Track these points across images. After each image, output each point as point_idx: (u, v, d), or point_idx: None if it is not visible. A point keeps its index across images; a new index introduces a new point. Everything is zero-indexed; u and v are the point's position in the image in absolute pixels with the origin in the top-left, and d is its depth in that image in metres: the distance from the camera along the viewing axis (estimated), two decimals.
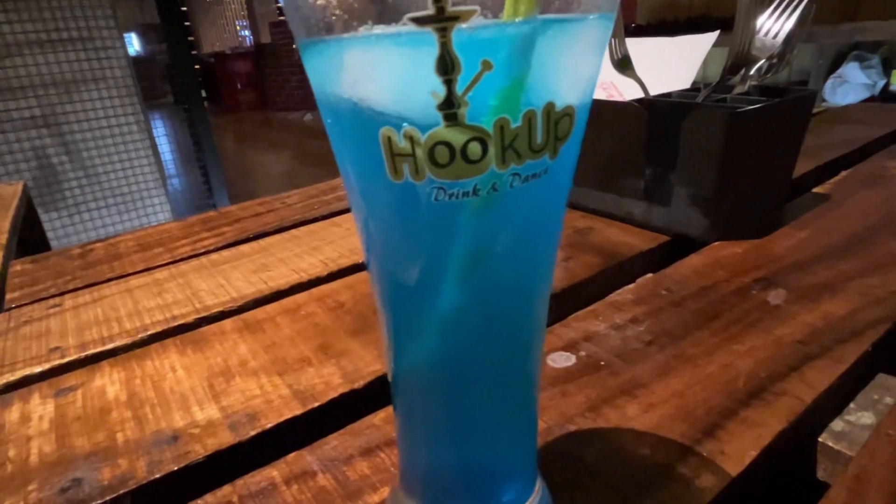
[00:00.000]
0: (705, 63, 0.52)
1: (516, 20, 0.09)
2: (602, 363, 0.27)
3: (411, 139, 0.10)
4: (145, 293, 0.40)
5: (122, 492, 0.21)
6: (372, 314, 0.34)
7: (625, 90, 0.48)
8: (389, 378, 0.16)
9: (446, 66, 0.09)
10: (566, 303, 0.35)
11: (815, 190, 0.50)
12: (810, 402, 0.24)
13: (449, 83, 0.09)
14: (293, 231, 0.51)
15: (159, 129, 4.30)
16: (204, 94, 1.93)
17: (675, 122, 0.39)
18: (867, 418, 0.24)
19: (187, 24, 2.00)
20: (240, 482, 0.22)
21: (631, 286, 0.36)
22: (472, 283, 0.13)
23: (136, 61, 1.80)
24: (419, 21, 0.09)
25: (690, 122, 0.38)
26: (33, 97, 1.48)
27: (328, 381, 0.28)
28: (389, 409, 0.25)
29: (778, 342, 0.28)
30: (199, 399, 0.27)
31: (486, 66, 0.09)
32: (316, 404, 0.26)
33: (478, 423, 0.16)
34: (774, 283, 0.34)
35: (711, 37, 0.51)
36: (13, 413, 0.28)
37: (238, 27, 8.14)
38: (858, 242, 0.39)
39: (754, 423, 0.23)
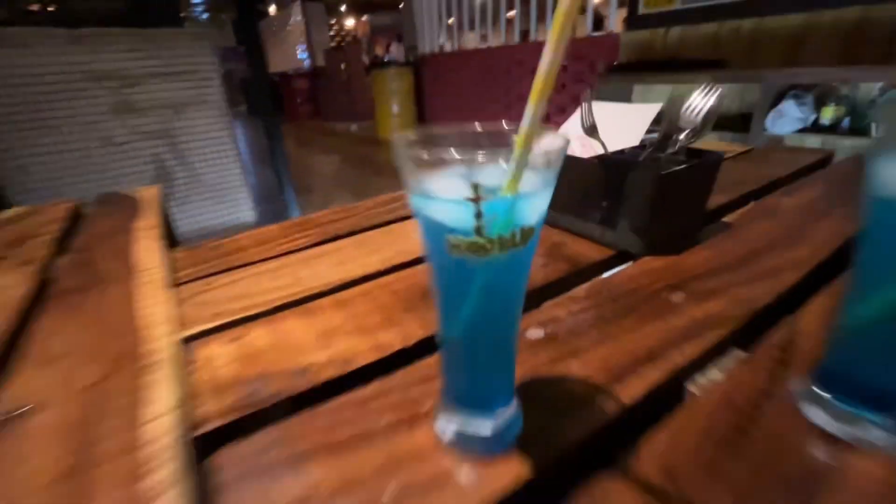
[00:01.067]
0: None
1: (510, 195, 0.18)
2: (559, 337, 0.36)
3: (459, 241, 0.18)
4: (265, 277, 0.49)
5: (283, 397, 0.31)
6: (418, 299, 0.43)
7: (592, 145, 0.55)
8: (437, 338, 0.25)
9: (478, 215, 0.18)
10: (542, 295, 0.43)
11: (724, 219, 0.57)
12: (684, 363, 0.32)
13: (479, 219, 0.18)
14: (359, 235, 0.60)
15: (237, 136, 4.39)
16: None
17: (621, 175, 0.46)
18: (717, 375, 0.32)
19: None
20: (342, 398, 0.31)
21: (585, 285, 0.44)
22: (482, 296, 0.21)
23: None
24: (469, 199, 0.17)
25: (632, 175, 0.46)
26: (154, 116, 1.57)
27: (392, 340, 0.36)
28: (431, 358, 0.34)
29: (671, 328, 0.36)
30: (313, 349, 0.36)
31: (495, 215, 0.18)
32: (386, 354, 0.35)
33: (483, 364, 0.25)
34: (679, 287, 0.42)
35: (656, 107, 0.58)
36: (201, 353, 0.37)
37: (298, 52, 8.17)
38: (743, 261, 0.46)
39: (646, 376, 0.31)
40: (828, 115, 2.12)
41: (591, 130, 0.52)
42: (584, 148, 0.53)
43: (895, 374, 0.24)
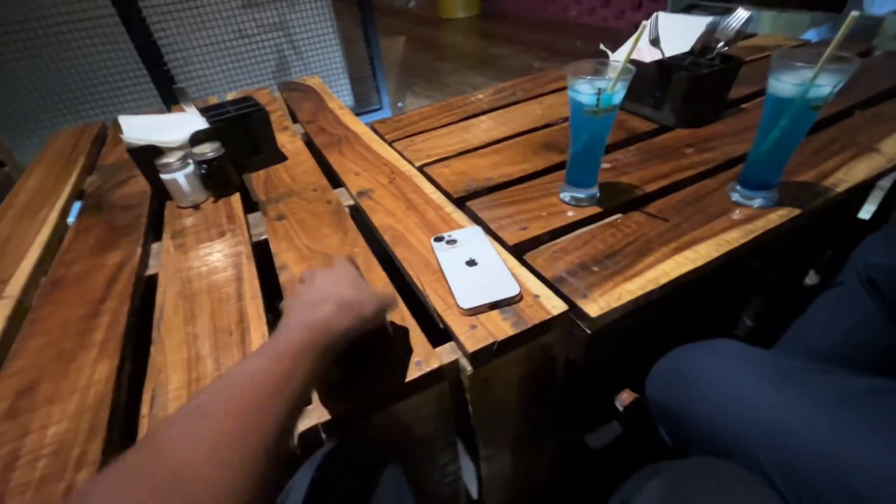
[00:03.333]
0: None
1: (609, 92, 0.51)
2: (618, 167, 0.70)
3: (589, 108, 0.52)
4: (443, 138, 0.85)
5: (482, 188, 0.68)
6: (540, 148, 0.77)
7: (655, 51, 0.82)
8: (568, 155, 0.60)
9: (597, 99, 0.51)
10: (611, 148, 0.76)
11: (742, 105, 0.84)
12: (682, 178, 0.65)
13: (598, 100, 0.51)
14: (491, 114, 0.93)
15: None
16: None
17: (669, 74, 0.75)
18: (688, 190, 0.65)
19: None
20: (511, 189, 0.67)
21: (637, 144, 0.76)
22: (593, 133, 0.55)
23: None
24: (595, 93, 0.51)
25: (675, 75, 0.74)
26: (273, 10, 1.85)
27: (530, 167, 0.72)
28: (552, 175, 0.69)
29: (680, 165, 0.69)
30: (489, 170, 0.72)
31: (602, 99, 0.51)
32: (528, 172, 0.71)
33: (585, 166, 0.60)
34: (692, 146, 0.73)
35: (706, 20, 0.82)
36: (432, 172, 0.74)
37: None
38: (738, 131, 0.76)
39: (660, 183, 0.65)
40: None
41: (655, 42, 0.79)
42: (650, 52, 0.80)
43: (768, 177, 0.56)
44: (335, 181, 0.75)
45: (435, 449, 0.49)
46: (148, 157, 0.68)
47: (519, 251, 0.55)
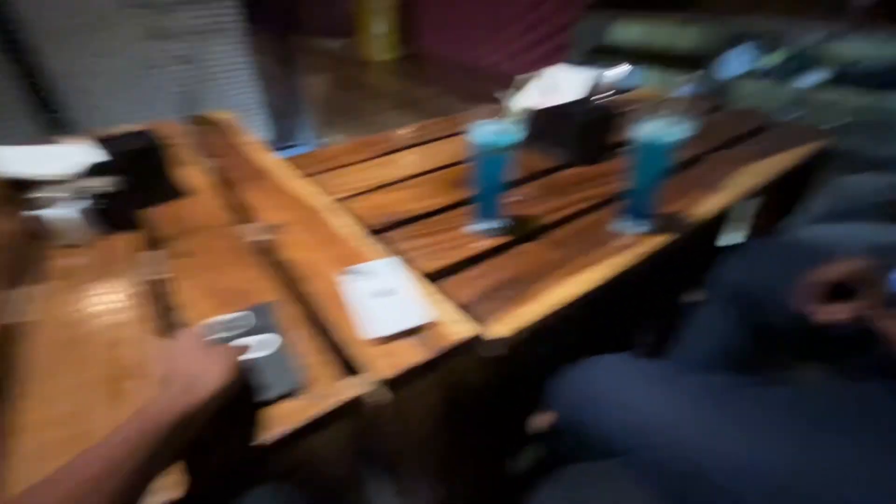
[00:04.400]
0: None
1: (502, 139, 0.56)
2: (525, 200, 0.76)
3: (483, 149, 0.58)
4: (361, 173, 0.87)
5: (400, 219, 0.70)
6: (451, 184, 0.81)
7: (549, 98, 0.92)
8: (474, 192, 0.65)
9: (492, 136, 0.56)
10: (518, 183, 0.82)
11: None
12: (580, 207, 0.73)
13: (492, 138, 0.57)
14: (407, 150, 0.97)
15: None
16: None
17: (563, 119, 0.85)
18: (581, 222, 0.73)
19: None
20: (425, 220, 0.71)
21: (540, 180, 0.84)
22: (485, 174, 0.61)
23: None
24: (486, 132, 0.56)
25: (568, 120, 0.84)
26: (183, 42, 1.80)
27: (450, 198, 0.76)
28: (460, 209, 0.74)
29: (576, 197, 0.77)
30: (407, 203, 0.75)
31: (494, 136, 0.57)
32: (445, 204, 0.74)
33: (488, 199, 0.65)
34: (588, 181, 0.82)
35: (593, 72, 0.94)
36: (350, 206, 0.75)
37: None
38: (618, 172, 0.87)
39: (560, 212, 0.72)
40: (770, 61, 2.48)
41: (549, 89, 0.90)
42: (547, 99, 0.90)
43: (643, 209, 0.65)
44: (245, 217, 0.74)
45: (351, 483, 0.48)
46: (22, 191, 0.62)
47: (433, 279, 0.58)
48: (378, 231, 0.68)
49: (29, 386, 0.43)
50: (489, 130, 0.58)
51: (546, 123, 0.88)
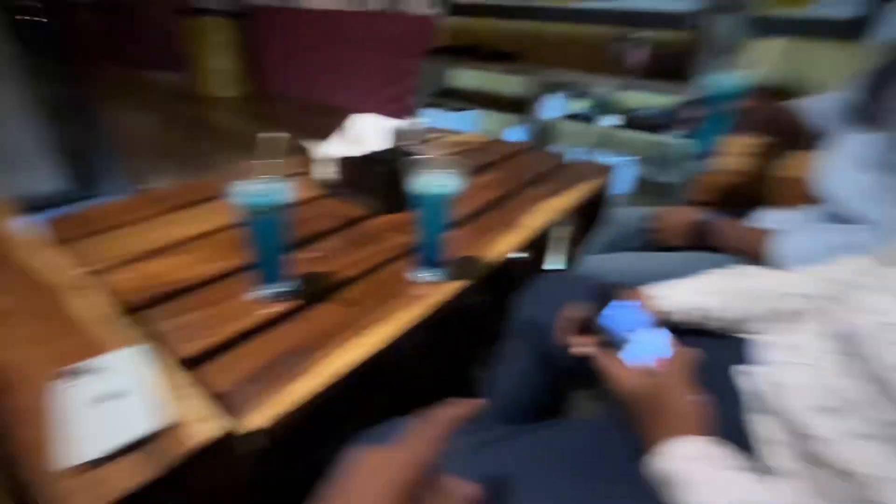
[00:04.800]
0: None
1: (265, 201, 0.52)
2: (328, 254, 0.72)
3: (249, 211, 0.53)
4: (138, 235, 0.74)
5: (177, 289, 0.61)
6: (231, 247, 0.74)
7: (354, 147, 0.92)
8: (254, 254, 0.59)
9: (256, 202, 0.52)
10: (331, 232, 0.79)
11: None
12: (384, 256, 0.72)
13: (256, 202, 0.52)
14: (193, 208, 0.87)
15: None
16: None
17: (368, 168, 0.84)
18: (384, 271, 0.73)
19: None
20: (202, 290, 0.62)
21: (347, 230, 0.81)
22: (259, 234, 0.56)
23: None
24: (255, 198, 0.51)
25: (372, 169, 0.84)
26: None
27: (237, 261, 0.68)
28: (239, 275, 0.67)
29: (384, 247, 0.76)
30: (179, 272, 0.66)
31: (261, 205, 0.52)
32: (228, 269, 0.67)
33: (268, 261, 0.60)
34: (395, 229, 0.82)
35: (394, 122, 0.97)
36: (110, 278, 0.63)
37: None
38: None
39: (370, 260, 0.70)
40: (578, 106, 2.93)
41: (354, 140, 0.89)
42: (354, 148, 0.89)
43: (433, 256, 0.67)
44: None
45: None
46: None
47: (195, 363, 0.50)
48: (139, 309, 0.57)
49: None
50: (255, 190, 0.53)
51: (353, 171, 0.87)
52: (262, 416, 0.44)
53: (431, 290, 0.66)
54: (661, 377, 0.41)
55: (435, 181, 0.60)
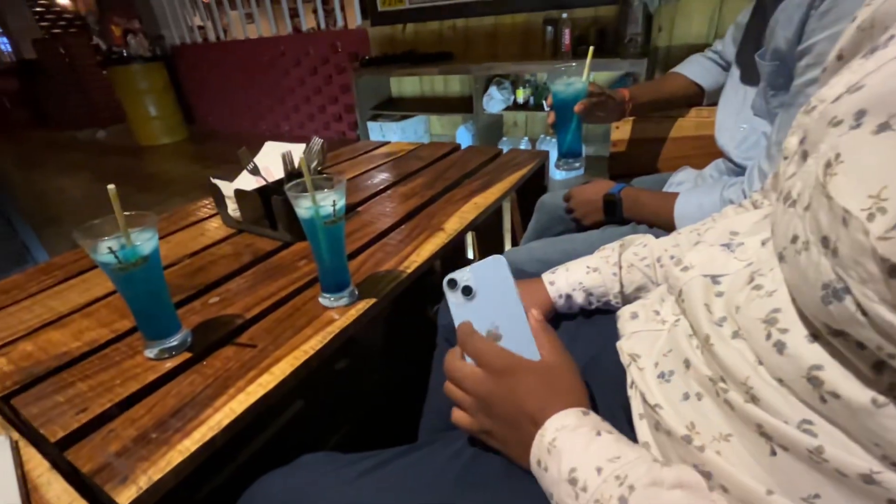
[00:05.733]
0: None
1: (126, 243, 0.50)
2: (230, 297, 0.70)
3: (117, 265, 0.50)
4: (25, 311, 0.70)
5: (52, 367, 0.57)
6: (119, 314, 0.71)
7: (259, 180, 0.90)
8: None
9: (116, 257, 0.49)
10: (236, 273, 0.76)
11: (358, 209, 1.00)
12: (294, 288, 0.70)
13: (117, 257, 0.50)
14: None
15: None
16: None
17: (268, 198, 0.82)
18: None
19: None
20: (96, 355, 0.59)
21: (255, 267, 0.79)
22: (129, 294, 0.53)
23: None
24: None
25: (273, 199, 0.82)
26: None
27: (106, 333, 0.65)
28: (131, 337, 0.64)
29: (295, 277, 0.74)
30: (64, 344, 0.62)
31: (127, 256, 0.50)
32: (122, 330, 0.64)
33: (149, 316, 0.57)
34: (306, 257, 0.80)
35: (290, 146, 0.95)
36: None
37: None
38: (356, 232, 0.88)
39: (279, 293, 0.68)
40: (520, 95, 2.96)
41: (255, 170, 0.87)
42: (254, 181, 0.87)
43: (337, 278, 0.65)
44: None
45: None
46: None
47: (68, 443, 0.47)
48: (11, 395, 0.54)
49: None
50: (110, 246, 0.51)
51: (255, 205, 0.85)
52: (135, 485, 0.41)
53: (340, 315, 0.64)
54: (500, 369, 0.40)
55: (318, 203, 0.58)
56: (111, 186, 0.49)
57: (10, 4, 6.20)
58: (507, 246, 1.37)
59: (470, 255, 1.32)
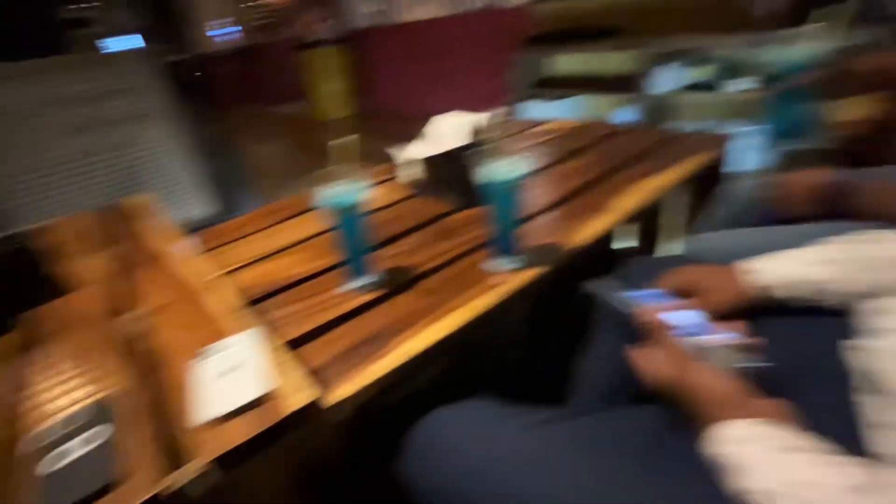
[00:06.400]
0: None
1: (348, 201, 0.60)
2: (410, 250, 0.79)
3: (336, 208, 0.61)
4: (258, 242, 0.90)
5: (286, 284, 0.73)
6: (328, 249, 0.85)
7: (436, 146, 0.98)
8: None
9: (339, 196, 0.60)
10: (414, 230, 0.86)
11: None
12: (455, 249, 0.76)
13: (339, 198, 0.60)
14: (299, 217, 1.01)
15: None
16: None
17: (450, 165, 0.90)
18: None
19: None
20: (314, 279, 0.73)
21: (431, 226, 0.88)
22: (345, 232, 0.64)
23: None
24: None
25: (454, 165, 0.89)
26: (108, 131, 1.88)
27: (331, 260, 0.79)
28: (335, 271, 0.77)
29: (463, 239, 0.80)
30: (285, 271, 0.78)
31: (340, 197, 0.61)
32: (324, 266, 0.77)
33: (355, 256, 0.68)
34: (476, 223, 0.86)
35: (471, 117, 1.00)
36: (231, 279, 0.78)
37: (213, 28, 8.04)
38: None
39: (449, 252, 0.75)
40: (699, 74, 2.65)
41: (435, 140, 0.96)
42: (432, 147, 0.96)
43: (508, 245, 0.69)
44: (124, 307, 0.76)
45: None
46: None
47: (297, 345, 0.60)
48: (256, 301, 0.70)
49: None
50: (336, 192, 0.62)
51: (434, 170, 0.94)
52: (347, 388, 0.51)
53: (507, 279, 0.68)
54: (685, 363, 0.39)
55: (501, 169, 0.63)
56: (351, 138, 0.59)
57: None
58: (669, 236, 1.27)
59: (626, 242, 1.26)
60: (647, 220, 1.45)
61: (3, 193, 1.70)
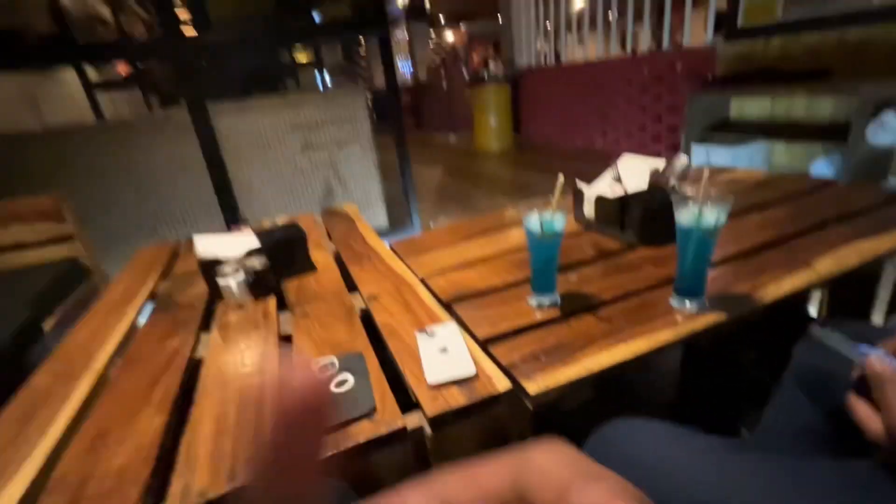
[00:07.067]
0: None
1: (548, 226, 0.71)
2: (586, 279, 0.87)
3: (536, 234, 0.73)
4: (445, 255, 1.07)
5: (474, 293, 0.87)
6: (517, 266, 0.96)
7: (618, 187, 1.04)
8: (531, 271, 0.79)
9: (540, 226, 0.71)
10: (587, 263, 0.94)
11: None
12: (646, 286, 0.81)
13: (542, 228, 0.71)
14: (492, 234, 1.15)
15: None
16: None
17: (627, 205, 0.96)
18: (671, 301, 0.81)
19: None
20: (496, 294, 0.86)
21: (603, 261, 0.94)
22: (538, 255, 0.75)
23: None
24: (538, 225, 0.71)
25: (632, 206, 0.95)
26: (325, 151, 2.33)
27: (515, 276, 0.90)
28: (524, 286, 0.87)
29: (641, 276, 0.85)
30: (473, 282, 0.92)
31: (545, 228, 0.72)
32: (510, 281, 0.89)
33: (542, 277, 0.78)
34: (651, 262, 0.90)
35: (656, 161, 1.04)
36: (427, 283, 0.94)
37: (401, 67, 9.20)
38: None
39: (633, 289, 0.81)
40: None
41: (618, 179, 1.02)
42: (613, 189, 1.02)
43: (693, 287, 0.72)
44: (353, 288, 0.97)
45: None
46: (211, 266, 0.94)
47: (486, 343, 0.72)
48: (451, 302, 0.85)
49: (198, 396, 0.67)
50: (538, 219, 0.73)
51: (611, 210, 1.00)
52: (537, 384, 0.60)
53: (689, 319, 0.71)
54: None
55: (699, 214, 0.67)
56: (560, 176, 0.71)
57: (420, 39, 8.71)
58: (879, 314, 1.11)
59: (819, 305, 1.14)
60: (852, 287, 1.29)
61: (250, 195, 2.24)
